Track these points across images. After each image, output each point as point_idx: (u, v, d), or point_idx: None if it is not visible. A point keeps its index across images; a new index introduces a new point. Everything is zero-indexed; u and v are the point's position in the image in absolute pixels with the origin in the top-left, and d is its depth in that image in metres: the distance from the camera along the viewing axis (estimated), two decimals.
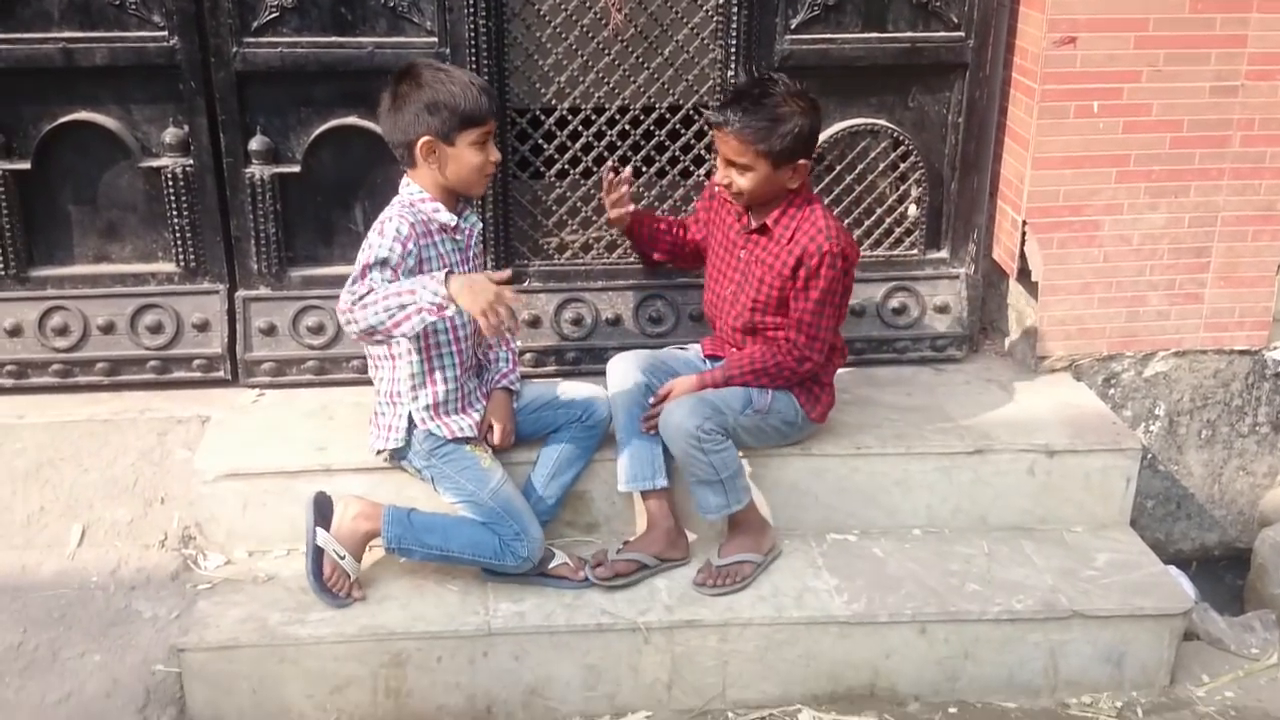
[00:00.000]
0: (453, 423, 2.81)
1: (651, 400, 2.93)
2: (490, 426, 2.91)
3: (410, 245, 2.65)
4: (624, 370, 2.98)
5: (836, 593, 2.88)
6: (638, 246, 3.23)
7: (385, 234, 2.64)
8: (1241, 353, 3.54)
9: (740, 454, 2.92)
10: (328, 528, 2.79)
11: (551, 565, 2.87)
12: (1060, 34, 3.16)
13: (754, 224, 2.91)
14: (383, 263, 2.61)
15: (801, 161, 2.79)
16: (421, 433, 2.80)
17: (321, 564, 2.76)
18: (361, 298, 2.54)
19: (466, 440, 2.82)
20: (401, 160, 2.76)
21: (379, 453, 2.90)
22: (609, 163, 3.20)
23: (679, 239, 3.14)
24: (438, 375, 2.79)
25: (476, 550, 2.78)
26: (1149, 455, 3.55)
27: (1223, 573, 3.69)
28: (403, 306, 2.50)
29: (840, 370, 3.12)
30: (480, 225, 2.91)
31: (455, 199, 2.79)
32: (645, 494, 2.95)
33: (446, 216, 2.75)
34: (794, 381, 2.93)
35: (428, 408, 2.79)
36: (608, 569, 2.86)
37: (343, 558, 2.77)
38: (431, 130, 2.65)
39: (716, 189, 2.97)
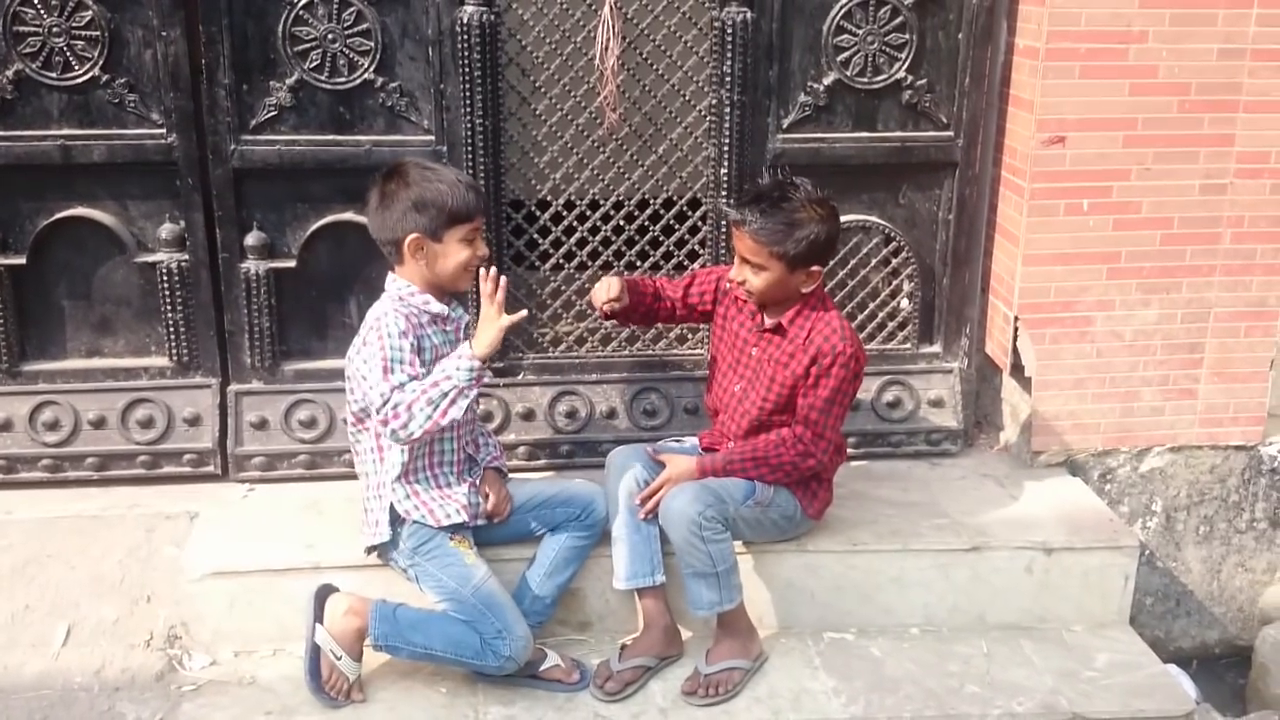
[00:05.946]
0: (438, 510, 2.78)
1: (654, 482, 2.88)
2: (486, 496, 2.88)
3: (410, 337, 2.69)
4: (623, 464, 2.95)
5: (834, 694, 2.83)
6: (629, 320, 3.09)
7: (390, 334, 2.66)
8: (1237, 448, 3.53)
9: (737, 549, 2.88)
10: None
11: (543, 668, 2.81)
12: (1049, 134, 3.20)
13: (768, 323, 2.90)
14: (399, 362, 2.65)
15: (815, 268, 2.80)
16: (407, 528, 2.77)
17: (319, 663, 2.71)
18: (395, 407, 2.61)
19: (452, 535, 2.79)
20: (389, 257, 2.77)
21: (368, 550, 2.86)
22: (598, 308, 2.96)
23: (663, 309, 3.04)
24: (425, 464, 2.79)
25: (458, 650, 2.73)
26: (1147, 552, 3.52)
27: (1224, 671, 3.64)
28: (445, 395, 2.62)
29: None
30: (466, 318, 2.92)
31: (442, 292, 2.80)
32: (642, 592, 2.91)
33: (437, 307, 2.76)
34: (794, 478, 2.90)
35: (409, 497, 2.77)
36: (616, 683, 2.80)
37: (339, 658, 2.72)
38: (419, 228, 2.68)
39: (729, 285, 2.96)
